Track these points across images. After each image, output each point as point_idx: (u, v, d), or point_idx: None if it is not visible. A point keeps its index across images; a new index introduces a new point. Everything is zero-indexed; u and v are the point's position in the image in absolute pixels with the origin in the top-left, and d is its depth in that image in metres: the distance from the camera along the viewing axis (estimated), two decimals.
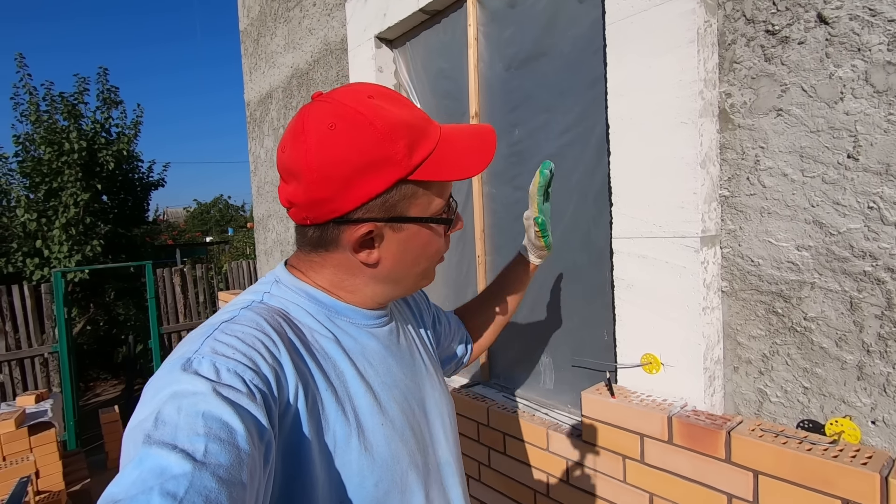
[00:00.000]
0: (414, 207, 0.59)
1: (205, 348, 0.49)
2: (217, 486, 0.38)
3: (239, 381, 0.47)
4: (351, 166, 0.54)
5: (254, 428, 0.45)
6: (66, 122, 6.77)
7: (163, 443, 0.39)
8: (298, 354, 0.56)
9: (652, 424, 1.15)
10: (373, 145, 0.54)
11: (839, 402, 1.06)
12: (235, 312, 0.57)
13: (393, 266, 0.62)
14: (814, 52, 1.04)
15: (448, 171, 0.58)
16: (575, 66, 1.51)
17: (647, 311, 1.26)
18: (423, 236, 0.62)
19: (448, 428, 0.73)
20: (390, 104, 0.57)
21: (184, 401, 0.43)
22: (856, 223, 1.01)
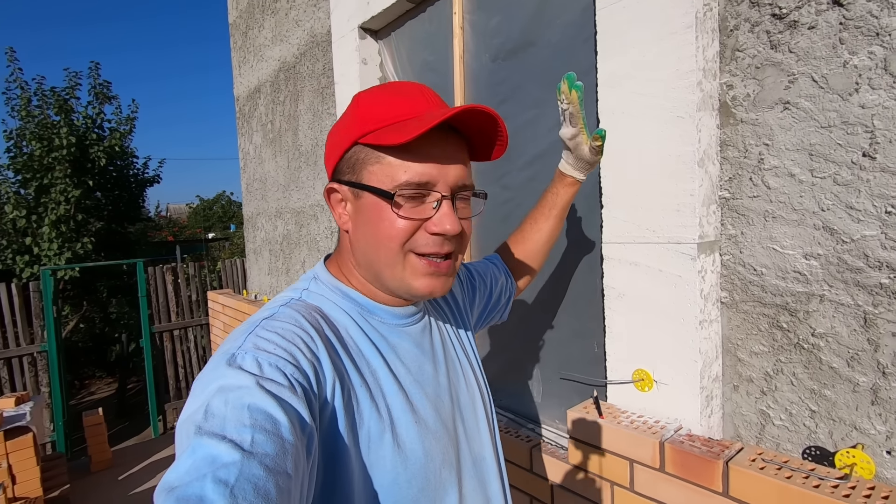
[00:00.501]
0: (367, 174, 0.60)
1: (247, 344, 0.52)
2: (265, 475, 0.40)
3: (280, 375, 0.49)
4: (336, 134, 0.64)
5: (296, 420, 0.46)
6: (57, 117, 6.65)
7: (213, 433, 0.42)
8: (335, 351, 0.58)
9: (642, 450, 1.04)
10: (348, 115, 0.63)
11: (850, 429, 0.95)
12: (275, 310, 0.59)
13: (357, 238, 0.63)
14: (826, 37, 0.93)
15: (386, 136, 0.57)
16: (565, 56, 1.40)
17: (639, 323, 1.15)
18: (375, 209, 0.60)
19: (483, 423, 0.74)
20: (389, 89, 0.62)
21: (230, 394, 0.45)
22: (871, 230, 0.90)
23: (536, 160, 1.52)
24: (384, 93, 0.62)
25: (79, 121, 6.91)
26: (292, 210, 3.25)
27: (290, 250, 3.37)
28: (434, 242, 0.60)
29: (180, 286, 6.19)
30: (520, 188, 1.58)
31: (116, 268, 7.56)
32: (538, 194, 1.51)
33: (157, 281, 6.02)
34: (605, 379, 1.24)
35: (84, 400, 8.01)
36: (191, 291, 6.33)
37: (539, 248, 1.05)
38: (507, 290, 1.00)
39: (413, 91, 0.62)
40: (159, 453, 4.33)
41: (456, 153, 0.62)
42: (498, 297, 0.98)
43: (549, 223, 1.03)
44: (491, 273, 0.98)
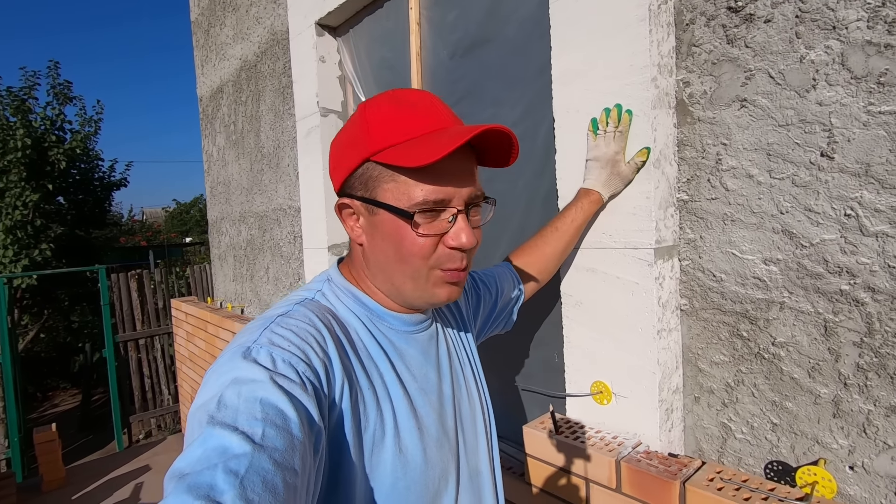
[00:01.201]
0: (382, 192, 0.59)
1: (263, 339, 0.52)
2: (273, 469, 0.40)
3: (293, 371, 0.49)
4: (342, 146, 0.63)
5: (305, 417, 0.47)
6: (14, 118, 6.35)
7: (225, 424, 0.42)
8: (345, 352, 0.58)
9: (598, 469, 0.98)
10: (355, 128, 0.61)
11: (812, 443, 0.90)
12: (290, 307, 0.60)
13: (374, 252, 0.63)
14: (782, 31, 0.88)
15: (405, 156, 0.56)
16: (522, 53, 1.34)
17: (597, 332, 1.09)
18: (392, 227, 0.59)
19: (483, 437, 0.73)
20: (397, 100, 0.61)
21: (243, 387, 0.46)
22: (831, 233, 0.85)
23: None
24: (395, 105, 0.60)
25: (37, 122, 6.60)
26: (256, 214, 3.13)
27: (254, 256, 3.25)
28: (454, 256, 0.61)
29: (146, 293, 5.96)
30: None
31: (79, 275, 7.25)
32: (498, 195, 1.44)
33: (121, 288, 5.78)
34: (564, 391, 1.18)
35: (46, 413, 7.67)
36: (157, 299, 6.10)
37: (557, 253, 1.04)
38: (514, 298, 1.00)
39: (423, 102, 0.61)
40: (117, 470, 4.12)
41: (469, 166, 0.61)
42: (504, 306, 0.98)
43: (571, 231, 1.03)
44: (497, 281, 0.97)
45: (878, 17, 0.78)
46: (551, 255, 1.04)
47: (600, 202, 1.03)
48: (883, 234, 0.80)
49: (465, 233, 0.60)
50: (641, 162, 0.99)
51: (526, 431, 1.13)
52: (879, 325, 0.81)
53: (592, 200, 1.02)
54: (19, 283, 6.19)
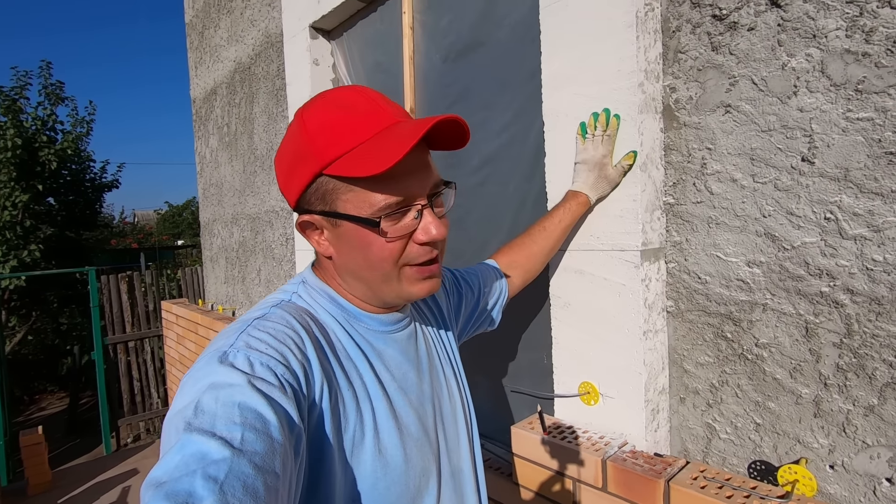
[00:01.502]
0: (342, 203, 0.58)
1: (239, 343, 0.52)
2: (254, 473, 0.40)
3: (271, 374, 0.49)
4: (288, 161, 0.60)
5: (285, 420, 0.46)
6: (4, 117, 6.29)
7: (203, 430, 0.41)
8: (323, 353, 0.58)
9: (585, 468, 0.99)
10: (298, 140, 0.58)
11: (794, 442, 0.92)
12: (267, 310, 0.59)
13: (345, 262, 0.62)
14: (765, 39, 0.91)
15: (359, 166, 0.54)
16: (513, 57, 1.36)
17: (584, 333, 1.11)
18: (359, 237, 0.59)
19: (464, 435, 0.73)
20: (333, 104, 0.58)
21: (221, 392, 0.45)
22: (812, 236, 0.87)
23: (486, 164, 1.47)
24: (334, 110, 0.58)
25: (28, 122, 6.55)
26: (248, 216, 3.13)
27: (245, 258, 3.24)
28: (425, 252, 0.61)
29: (136, 295, 5.91)
30: (470, 194, 1.53)
31: (69, 277, 7.18)
32: (488, 199, 1.47)
33: (111, 290, 5.73)
34: (553, 392, 1.19)
35: (32, 416, 7.56)
36: (148, 301, 6.05)
37: (544, 251, 1.04)
38: (498, 297, 0.99)
39: (360, 102, 0.58)
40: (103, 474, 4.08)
41: (423, 157, 0.60)
42: (487, 304, 0.97)
43: (558, 231, 1.04)
44: (480, 279, 0.96)
45: (855, 27, 0.80)
46: (538, 254, 1.04)
47: (588, 204, 1.04)
48: (861, 238, 0.82)
49: (433, 225, 0.59)
50: (628, 165, 1.01)
51: (514, 432, 1.14)
52: (858, 327, 0.83)
53: (580, 202, 1.04)
54: (7, 283, 6.12)
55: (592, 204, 1.05)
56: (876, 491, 0.83)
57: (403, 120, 0.58)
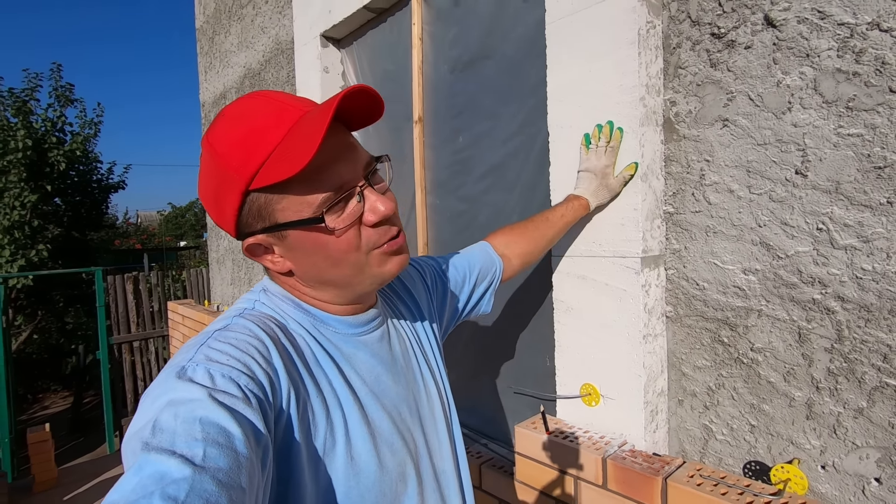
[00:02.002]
0: (284, 213, 0.55)
1: (199, 356, 0.50)
2: (217, 490, 0.38)
3: (234, 386, 0.47)
4: (212, 192, 0.58)
5: (251, 432, 0.45)
6: (14, 119, 6.37)
7: (161, 449, 0.40)
8: (290, 360, 0.56)
9: (586, 466, 1.03)
10: (213, 168, 0.56)
11: (787, 443, 0.95)
12: (229, 321, 0.58)
13: (307, 271, 0.60)
14: (761, 57, 0.95)
15: (282, 169, 0.52)
16: (519, 70, 1.41)
17: (586, 337, 1.15)
18: (310, 240, 0.57)
19: (444, 435, 0.71)
20: (234, 119, 0.56)
21: (180, 408, 0.43)
22: (804, 246, 0.91)
23: (491, 171, 1.51)
24: (236, 126, 0.55)
25: (38, 123, 6.63)
26: None
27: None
28: (383, 232, 0.60)
29: (142, 296, 5.97)
30: (475, 199, 1.57)
31: (75, 276, 7.24)
32: (494, 205, 1.51)
33: (116, 290, 5.79)
34: (555, 393, 1.23)
35: (36, 415, 7.60)
36: (153, 301, 6.11)
37: (544, 241, 1.04)
38: (490, 280, 0.96)
39: (260, 106, 0.55)
40: (110, 471, 4.12)
41: (345, 139, 0.58)
42: (476, 288, 0.94)
43: (560, 224, 1.05)
44: (469, 263, 0.93)
45: (846, 47, 0.85)
46: (539, 239, 1.03)
47: (587, 209, 1.08)
48: (851, 248, 0.86)
49: (380, 202, 0.58)
50: (629, 176, 1.05)
51: (517, 431, 1.18)
52: (848, 332, 0.87)
53: (581, 205, 1.07)
54: (15, 283, 6.18)
55: (591, 210, 1.08)
56: (865, 490, 0.86)
57: (310, 109, 0.55)
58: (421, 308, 0.81)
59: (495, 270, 0.97)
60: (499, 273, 0.97)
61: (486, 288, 0.96)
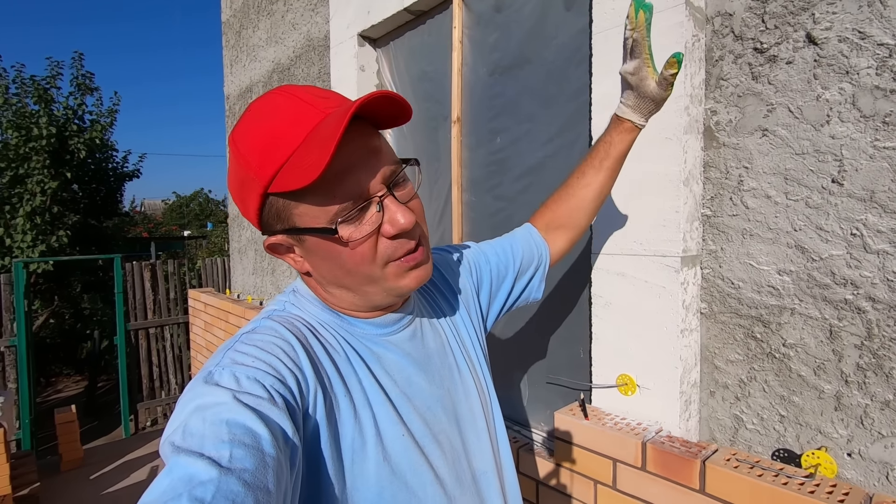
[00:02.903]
0: (297, 218, 0.55)
1: (225, 360, 0.51)
2: (244, 490, 0.39)
3: (260, 387, 0.48)
4: (237, 188, 0.58)
5: (278, 432, 0.46)
6: (36, 106, 6.49)
7: (190, 451, 0.41)
8: (317, 360, 0.56)
9: (625, 449, 1.11)
10: (237, 165, 0.56)
11: (815, 433, 1.03)
12: (257, 323, 0.59)
13: (325, 275, 0.60)
14: (801, 72, 1.02)
15: (293, 179, 0.51)
16: (559, 76, 1.47)
17: (623, 330, 1.22)
18: (325, 247, 0.56)
19: (484, 434, 0.69)
20: (258, 116, 0.55)
21: (207, 412, 0.45)
22: (838, 249, 0.98)
23: (529, 173, 1.58)
24: (258, 125, 0.54)
25: (59, 111, 6.75)
26: None
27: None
28: (401, 244, 0.57)
29: (158, 283, 6.08)
30: (512, 199, 1.65)
31: (91, 263, 7.37)
32: (530, 205, 1.58)
33: (134, 277, 5.90)
34: (590, 383, 1.30)
35: (50, 398, 7.76)
36: (168, 289, 6.22)
37: (585, 205, 0.91)
38: (536, 266, 0.91)
39: (283, 105, 0.54)
40: (132, 453, 4.24)
41: (368, 143, 0.55)
42: (522, 276, 0.89)
43: (601, 176, 0.90)
44: (512, 251, 0.89)
45: (885, 66, 0.91)
46: (580, 208, 0.92)
47: (634, 130, 0.87)
48: (884, 252, 0.93)
49: (400, 214, 0.55)
50: (671, 75, 0.79)
51: (556, 417, 1.25)
52: (878, 331, 0.94)
53: (624, 129, 0.87)
54: (35, 268, 6.31)
55: (642, 126, 0.87)
56: (889, 476, 0.93)
57: (333, 110, 0.53)
58: (460, 300, 0.79)
59: (542, 254, 0.91)
60: (546, 256, 0.92)
61: (532, 274, 0.91)
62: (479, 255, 0.87)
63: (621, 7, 1.19)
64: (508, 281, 0.89)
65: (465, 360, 0.72)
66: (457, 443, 0.65)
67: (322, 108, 0.53)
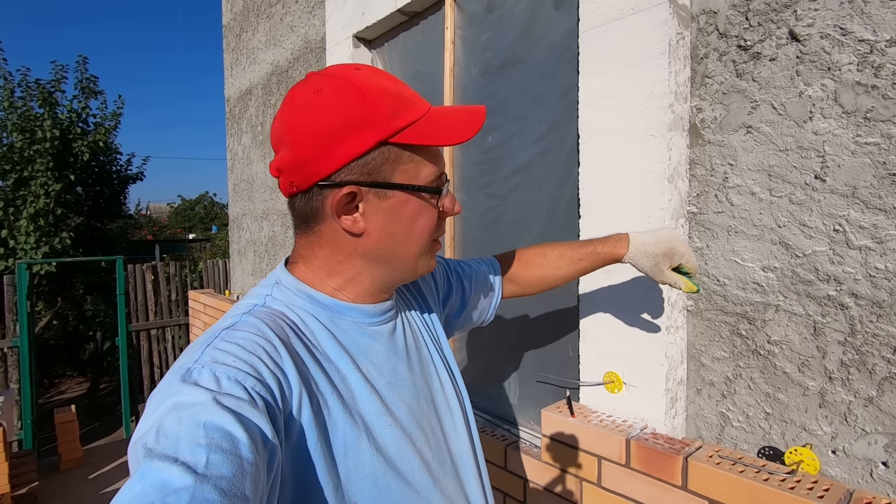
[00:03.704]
0: (399, 174, 0.58)
1: (205, 357, 0.49)
2: (219, 499, 0.38)
3: (240, 389, 0.46)
4: (334, 126, 0.55)
5: (257, 436, 0.44)
6: (41, 109, 6.56)
7: (164, 456, 0.39)
8: (301, 359, 0.55)
9: (610, 446, 1.10)
10: (356, 106, 0.55)
11: (800, 430, 1.02)
12: (237, 318, 0.56)
13: (379, 239, 0.60)
14: (785, 69, 1.02)
15: (433, 136, 0.57)
16: (549, 74, 1.48)
17: (610, 328, 1.22)
18: (411, 208, 0.59)
19: (460, 421, 0.72)
20: (377, 76, 0.58)
21: (184, 412, 0.43)
22: (821, 246, 0.98)
23: (520, 171, 1.59)
24: (382, 78, 0.58)
25: (63, 114, 6.82)
26: (279, 212, 3.27)
27: (274, 251, 3.38)
28: (443, 227, 0.65)
29: (160, 285, 6.12)
30: (504, 197, 1.65)
31: (94, 264, 7.42)
32: (521, 203, 1.59)
33: (136, 279, 5.93)
34: (578, 381, 1.30)
35: (52, 399, 7.80)
36: (170, 291, 6.25)
37: (546, 282, 0.99)
38: (494, 297, 0.96)
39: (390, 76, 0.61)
40: None
41: None
42: (478, 302, 0.93)
43: (572, 269, 0.97)
44: (477, 276, 0.93)
45: (866, 62, 0.91)
46: (542, 282, 0.99)
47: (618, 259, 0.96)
48: (866, 248, 0.93)
49: (456, 201, 0.64)
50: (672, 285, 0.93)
51: (543, 415, 1.25)
52: (861, 327, 0.94)
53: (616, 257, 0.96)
54: (38, 269, 6.35)
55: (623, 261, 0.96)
56: (873, 473, 0.93)
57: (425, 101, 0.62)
58: (427, 301, 0.82)
59: (497, 290, 0.96)
60: (499, 293, 0.96)
61: (490, 304, 0.95)
62: (447, 270, 0.91)
63: (607, 5, 1.20)
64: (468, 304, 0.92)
65: (438, 355, 0.75)
66: (437, 429, 0.67)
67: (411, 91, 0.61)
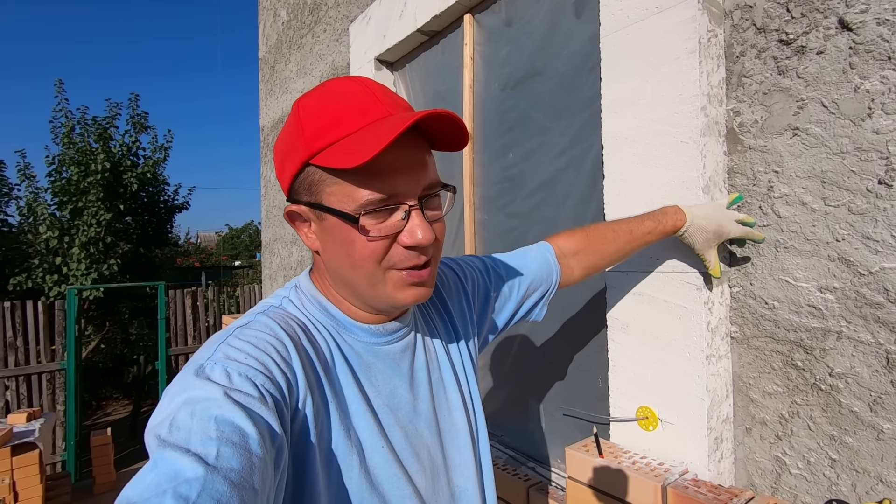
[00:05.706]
0: (327, 196, 0.56)
1: (217, 354, 0.50)
2: (229, 490, 0.38)
3: (251, 385, 0.48)
4: (283, 149, 0.59)
5: (266, 431, 0.45)
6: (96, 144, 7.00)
7: (176, 446, 0.40)
8: (309, 362, 0.56)
9: (643, 494, 0.96)
10: (293, 130, 0.57)
11: (875, 481, 0.86)
12: (252, 318, 0.58)
13: (329, 259, 0.60)
14: (835, 62, 0.90)
15: (338, 158, 0.52)
16: (571, 85, 1.40)
17: (643, 356, 1.09)
18: (342, 232, 0.56)
19: (467, 450, 0.69)
20: (327, 97, 0.57)
21: (196, 406, 0.44)
22: (891, 262, 0.84)
23: (541, 188, 1.50)
24: (326, 99, 0.56)
25: (115, 148, 7.26)
26: None
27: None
28: (411, 256, 0.57)
29: (199, 310, 6.28)
30: (526, 216, 1.56)
31: (140, 290, 7.74)
32: (544, 221, 1.49)
33: (177, 304, 6.12)
34: (608, 416, 1.17)
35: (99, 420, 8.06)
36: (209, 316, 6.41)
37: (618, 256, 0.95)
38: (543, 291, 0.90)
39: (357, 92, 0.56)
40: None
41: (418, 155, 0.57)
42: (526, 297, 0.88)
43: (638, 243, 0.94)
44: (521, 268, 0.88)
45: None
46: (612, 255, 0.94)
47: (675, 232, 0.94)
48: None
49: (420, 229, 0.56)
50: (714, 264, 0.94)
51: (568, 454, 1.12)
52: None
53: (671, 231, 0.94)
54: (88, 294, 6.66)
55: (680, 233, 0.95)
56: None
57: (396, 113, 0.56)
58: (454, 318, 0.78)
59: (552, 279, 0.90)
60: (555, 282, 0.91)
61: (538, 298, 0.90)
62: (482, 273, 0.85)
63: (630, 5, 1.12)
64: (512, 302, 0.87)
65: (452, 377, 0.72)
66: (437, 458, 0.65)
67: (390, 108, 0.56)
